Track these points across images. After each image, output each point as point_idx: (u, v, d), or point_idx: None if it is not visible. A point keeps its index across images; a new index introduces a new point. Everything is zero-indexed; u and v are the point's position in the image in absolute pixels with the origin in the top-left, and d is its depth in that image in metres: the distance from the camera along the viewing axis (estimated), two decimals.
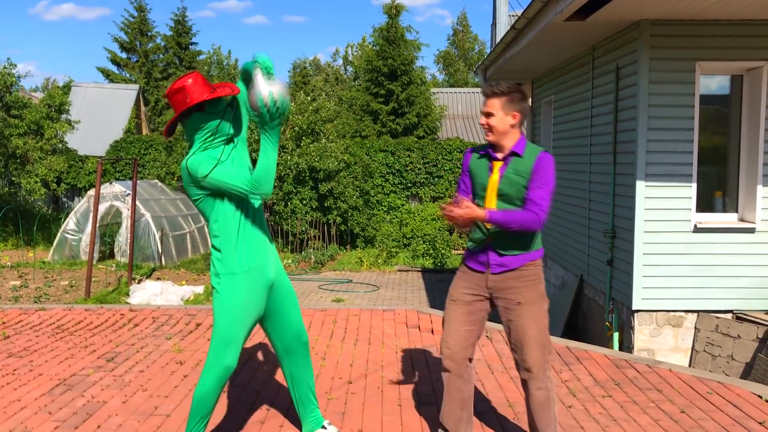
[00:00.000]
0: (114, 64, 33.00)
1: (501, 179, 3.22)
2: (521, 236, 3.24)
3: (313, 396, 3.50)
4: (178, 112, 3.12)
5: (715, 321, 6.38)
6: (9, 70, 15.67)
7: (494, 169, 3.26)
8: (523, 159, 3.22)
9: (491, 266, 3.27)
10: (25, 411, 4.02)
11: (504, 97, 3.20)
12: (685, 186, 6.42)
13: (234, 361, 3.12)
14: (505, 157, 3.25)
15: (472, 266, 3.35)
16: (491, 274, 3.28)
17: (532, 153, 3.23)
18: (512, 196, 3.21)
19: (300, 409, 3.51)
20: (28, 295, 10.18)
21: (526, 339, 3.22)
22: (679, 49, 6.32)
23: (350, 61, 36.98)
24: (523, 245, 3.25)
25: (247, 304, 3.15)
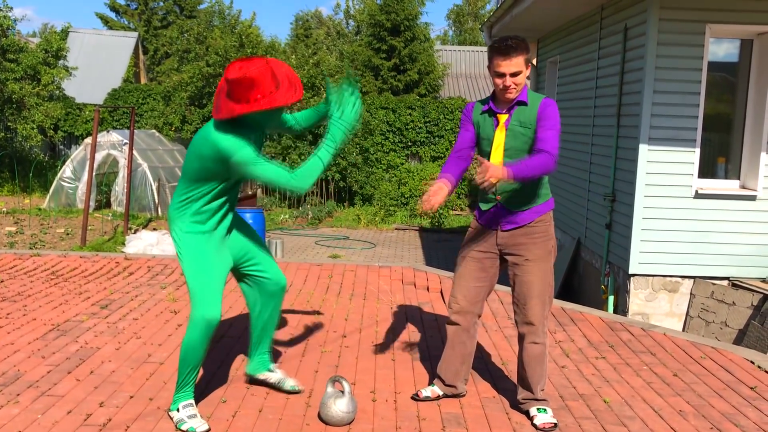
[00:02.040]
0: (113, 11, 32.45)
1: (507, 132, 3.18)
2: (528, 190, 3.22)
3: (271, 341, 3.59)
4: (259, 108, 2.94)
5: (710, 287, 6.38)
6: (5, 12, 15.37)
7: (500, 123, 3.21)
8: (527, 108, 3.17)
9: (501, 223, 3.28)
10: (18, 354, 4.01)
11: (527, 52, 3.13)
12: (688, 151, 6.35)
13: (214, 314, 3.07)
14: (509, 108, 3.20)
15: (482, 224, 3.35)
16: (501, 231, 3.30)
17: (536, 101, 3.18)
18: (518, 149, 3.19)
19: (256, 349, 3.56)
20: (24, 241, 10.16)
21: (531, 294, 3.25)
22: (689, 11, 6.19)
23: (352, 14, 36.41)
24: (531, 198, 3.24)
25: (210, 258, 3.14)
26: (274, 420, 3.27)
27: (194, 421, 3.12)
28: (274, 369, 3.63)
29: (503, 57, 3.09)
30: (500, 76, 3.13)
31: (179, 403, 3.19)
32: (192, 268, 3.12)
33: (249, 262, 3.38)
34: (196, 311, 3.07)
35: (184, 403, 3.18)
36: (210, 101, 16.75)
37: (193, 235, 3.16)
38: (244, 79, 2.91)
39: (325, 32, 34.20)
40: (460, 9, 42.23)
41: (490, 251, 3.35)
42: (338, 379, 3.26)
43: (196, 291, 3.08)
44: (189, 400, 3.20)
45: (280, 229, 13.41)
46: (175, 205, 3.19)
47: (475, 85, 22.85)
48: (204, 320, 3.06)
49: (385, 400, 3.54)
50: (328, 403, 3.19)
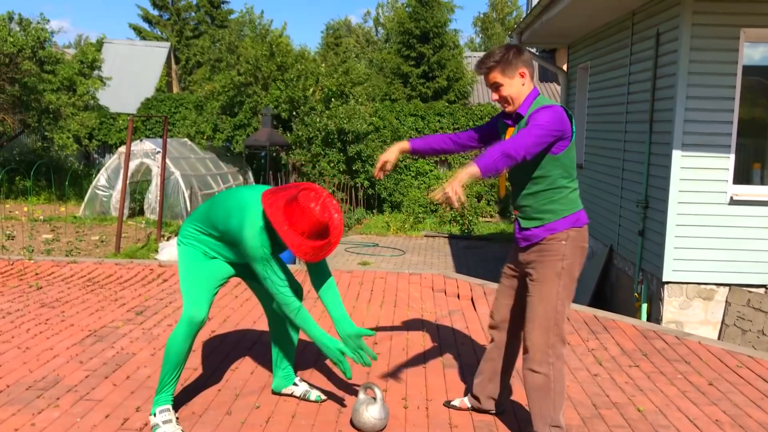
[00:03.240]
0: (146, 22, 33.03)
1: None
2: (538, 205, 3.04)
3: (293, 354, 3.63)
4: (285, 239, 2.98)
5: (747, 295, 6.27)
6: (42, 25, 15.74)
7: (507, 134, 3.15)
8: (524, 120, 3.02)
9: (518, 240, 3.16)
10: (58, 359, 4.10)
11: (501, 64, 2.97)
12: (723, 157, 6.26)
13: (200, 316, 3.16)
14: (514, 122, 3.10)
15: (515, 237, 3.24)
16: (519, 248, 3.17)
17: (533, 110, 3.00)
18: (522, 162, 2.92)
19: (279, 364, 3.61)
20: (60, 248, 10.36)
21: (530, 317, 3.04)
22: (723, 15, 6.11)
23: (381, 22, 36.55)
24: (542, 215, 3.05)
25: (204, 262, 3.23)
26: (306, 426, 3.29)
27: (168, 427, 3.13)
28: (299, 382, 3.66)
29: (479, 74, 3.07)
30: (492, 93, 3.10)
31: (156, 407, 3.20)
32: (184, 269, 3.24)
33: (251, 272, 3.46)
34: (185, 310, 3.17)
35: (161, 407, 3.19)
36: (241, 110, 16.93)
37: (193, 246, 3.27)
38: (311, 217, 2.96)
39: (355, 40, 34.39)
40: (486, 16, 42.20)
41: (516, 269, 3.25)
42: (370, 385, 3.28)
43: (185, 290, 3.20)
44: (167, 404, 3.21)
45: None
46: (186, 230, 3.30)
47: None
48: (188, 317, 3.14)
49: (416, 407, 3.55)
50: (361, 410, 3.21)
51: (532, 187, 3.04)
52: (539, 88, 22.64)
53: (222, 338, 4.61)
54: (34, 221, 13.05)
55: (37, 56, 15.63)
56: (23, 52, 14.88)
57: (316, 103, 16.80)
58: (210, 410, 3.44)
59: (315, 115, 16.41)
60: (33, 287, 5.88)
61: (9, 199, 16.19)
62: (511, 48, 3.01)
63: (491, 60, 3.00)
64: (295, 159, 16.54)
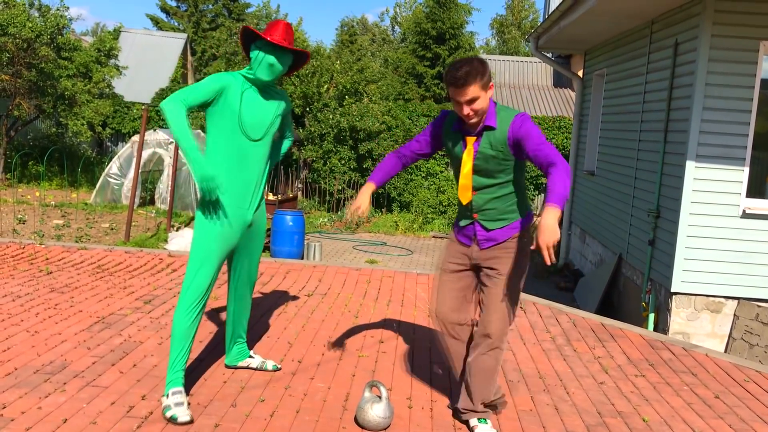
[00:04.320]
0: (163, 12, 33.13)
1: (476, 155, 3.13)
2: (504, 207, 3.21)
3: (244, 332, 3.86)
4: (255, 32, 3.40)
5: (756, 309, 6.24)
6: (62, 12, 15.82)
7: (468, 144, 3.16)
8: (496, 131, 3.09)
9: (479, 241, 3.27)
10: (65, 344, 4.13)
11: (481, 77, 2.96)
12: (737, 170, 6.24)
13: (206, 282, 3.27)
14: (478, 132, 3.13)
15: (460, 239, 3.36)
16: (480, 248, 3.28)
17: (504, 122, 3.08)
18: (492, 170, 3.14)
19: (230, 343, 3.84)
20: (70, 234, 10.42)
21: (495, 307, 3.20)
22: (743, 27, 6.08)
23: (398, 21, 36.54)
24: (507, 215, 3.23)
25: (222, 232, 3.33)
26: (310, 421, 3.30)
27: (179, 410, 3.18)
28: (254, 354, 3.90)
29: (455, 87, 2.98)
30: (458, 104, 3.03)
31: (170, 388, 3.27)
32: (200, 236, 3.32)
33: (241, 255, 3.62)
34: (190, 276, 3.27)
35: (174, 389, 3.27)
36: None
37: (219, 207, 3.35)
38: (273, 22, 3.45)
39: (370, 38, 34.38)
40: (503, 19, 42.12)
41: (465, 263, 3.34)
42: (376, 384, 3.28)
43: (196, 256, 3.28)
44: (179, 387, 3.28)
45: (319, 232, 13.51)
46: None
47: (519, 95, 22.71)
48: (196, 285, 3.26)
49: (421, 407, 3.55)
50: (366, 408, 3.22)
51: (499, 191, 3.19)
52: (553, 94, 22.59)
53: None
54: (46, 206, 13.12)
55: (55, 42, 15.71)
56: (41, 37, 14.96)
57: (330, 100, 16.81)
58: (215, 401, 3.45)
59: (328, 112, 16.42)
60: (43, 272, 5.92)
61: (21, 184, 16.29)
62: (482, 61, 3.03)
63: (473, 74, 2.96)
64: (307, 155, 16.56)
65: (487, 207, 3.21)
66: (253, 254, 3.66)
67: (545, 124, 16.99)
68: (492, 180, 3.16)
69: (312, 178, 16.88)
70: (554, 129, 16.93)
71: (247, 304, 3.77)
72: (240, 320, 3.79)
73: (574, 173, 11.05)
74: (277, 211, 9.71)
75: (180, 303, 3.28)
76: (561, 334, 5.05)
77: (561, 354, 4.60)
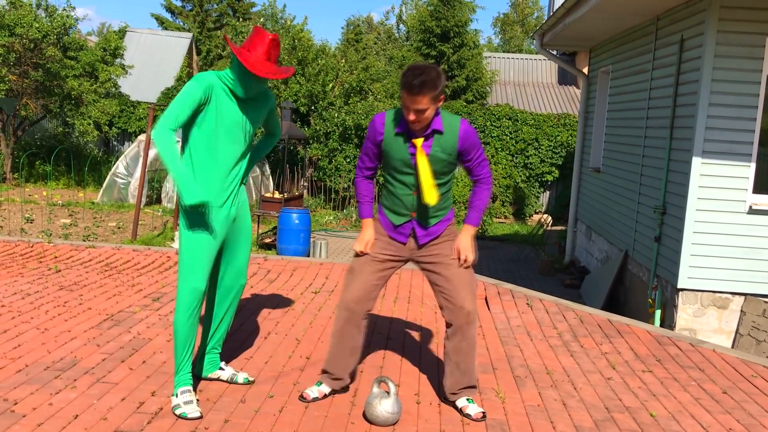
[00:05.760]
0: (168, 12, 33.20)
1: (427, 157, 3.21)
2: (440, 204, 3.35)
3: (221, 342, 3.66)
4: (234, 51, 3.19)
5: (762, 305, 6.23)
6: (68, 12, 15.88)
7: (417, 148, 3.20)
8: (444, 135, 3.22)
9: (418, 238, 3.39)
10: (75, 341, 4.16)
11: (435, 90, 3.05)
12: (743, 165, 6.23)
13: (201, 283, 3.23)
14: (426, 135, 3.21)
15: (393, 236, 3.42)
16: (418, 244, 3.40)
17: (452, 127, 3.21)
18: (438, 171, 3.27)
19: (207, 349, 3.63)
20: (77, 233, 10.47)
21: (461, 284, 3.34)
22: (748, 23, 6.07)
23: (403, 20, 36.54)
24: (444, 211, 3.40)
25: (207, 230, 3.27)
26: (319, 417, 3.32)
27: (189, 407, 3.20)
28: (224, 366, 3.71)
29: (409, 94, 3.04)
30: (406, 108, 3.11)
31: (178, 388, 3.28)
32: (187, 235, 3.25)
33: (226, 259, 3.51)
34: (183, 280, 3.22)
35: (182, 388, 3.27)
36: None
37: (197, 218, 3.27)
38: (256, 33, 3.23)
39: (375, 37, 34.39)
40: (506, 17, 42.05)
41: (398, 256, 3.43)
42: (384, 379, 3.30)
43: (186, 259, 3.23)
44: (187, 386, 3.29)
45: (325, 231, 13.54)
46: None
47: (523, 93, 22.71)
48: (191, 287, 3.21)
49: (429, 403, 3.57)
50: (374, 403, 3.24)
51: (440, 189, 3.33)
52: (558, 91, 22.56)
53: (237, 327, 4.65)
54: (53, 206, 13.18)
55: (61, 42, 15.77)
56: (48, 38, 15.02)
57: (335, 99, 16.83)
58: (224, 397, 3.48)
59: (333, 111, 16.45)
60: (52, 270, 5.96)
61: (29, 183, 16.36)
62: (439, 73, 3.09)
63: (428, 86, 3.02)
64: (312, 153, 16.59)
65: (426, 209, 3.34)
66: (239, 253, 3.52)
67: (550, 122, 16.98)
68: (436, 180, 3.29)
69: (318, 177, 16.91)
70: (559, 126, 16.92)
71: (231, 311, 3.59)
72: (221, 329, 3.60)
73: (580, 170, 11.04)
74: (283, 209, 9.73)
75: (178, 308, 3.25)
76: (568, 330, 5.06)
77: (568, 350, 4.61)
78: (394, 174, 3.32)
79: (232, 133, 3.28)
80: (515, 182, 16.99)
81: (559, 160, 16.95)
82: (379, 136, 3.30)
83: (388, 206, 3.42)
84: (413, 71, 3.05)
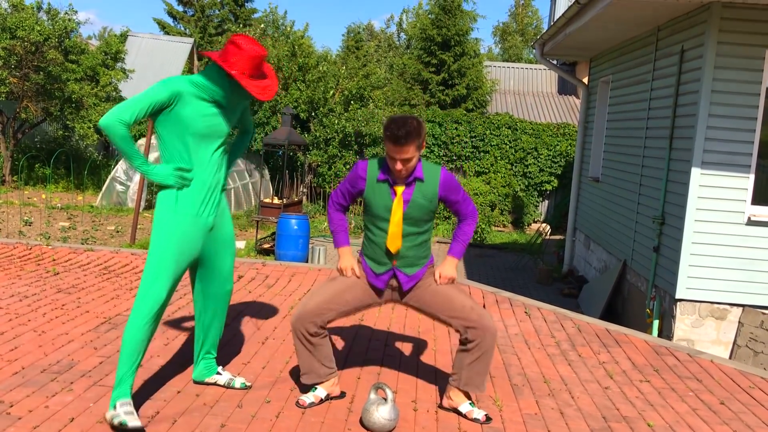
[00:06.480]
0: (170, 17, 33.26)
1: (408, 204, 3.34)
2: (421, 252, 3.46)
3: (215, 347, 3.61)
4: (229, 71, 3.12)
5: (760, 316, 6.23)
6: (70, 15, 15.92)
7: (397, 194, 3.34)
8: (425, 182, 3.35)
9: (402, 284, 3.47)
10: (72, 344, 4.15)
11: (419, 138, 3.19)
12: (742, 177, 6.24)
13: (163, 293, 3.09)
14: (407, 183, 3.34)
15: (374, 283, 3.49)
16: (402, 291, 3.50)
17: (433, 175, 3.36)
18: (419, 218, 3.38)
19: (201, 354, 3.59)
20: (76, 236, 10.46)
21: (455, 295, 3.43)
22: (748, 35, 6.10)
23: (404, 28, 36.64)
24: (425, 256, 3.49)
25: (180, 240, 3.15)
26: (316, 423, 3.31)
27: (129, 417, 3.01)
28: (222, 371, 3.67)
29: (394, 145, 3.17)
30: (392, 159, 3.24)
31: (117, 401, 3.07)
32: (157, 242, 3.13)
33: (211, 265, 3.42)
34: (146, 286, 3.09)
35: (121, 401, 3.07)
36: (261, 108, 17.05)
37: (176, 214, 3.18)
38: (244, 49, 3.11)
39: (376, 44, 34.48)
40: (506, 26, 42.18)
41: (378, 300, 3.54)
42: (381, 386, 3.29)
43: (153, 265, 3.10)
44: (126, 398, 3.08)
45: (323, 237, 13.53)
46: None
47: (523, 102, 22.76)
48: (153, 296, 3.07)
49: (426, 410, 3.56)
50: (371, 410, 3.23)
51: (419, 238, 3.43)
52: (558, 101, 22.61)
53: (234, 332, 4.65)
54: (52, 209, 13.18)
55: (62, 45, 15.80)
56: (49, 41, 15.04)
57: (335, 105, 16.86)
58: (221, 402, 3.47)
59: (333, 117, 16.47)
60: (50, 273, 5.95)
61: (28, 186, 16.36)
62: (420, 121, 3.23)
63: (413, 135, 3.16)
64: (312, 159, 16.61)
65: (408, 254, 3.42)
66: (223, 260, 3.44)
67: (549, 131, 17.01)
68: (417, 228, 3.40)
69: (317, 183, 16.92)
70: (558, 136, 16.95)
71: (220, 318, 3.54)
72: (210, 335, 3.55)
73: (579, 179, 11.06)
74: (282, 215, 9.73)
75: (134, 315, 3.07)
76: (566, 339, 5.06)
77: (566, 359, 4.61)
78: (375, 221, 3.41)
79: (207, 139, 3.20)
80: (514, 191, 17.01)
81: (558, 169, 16.98)
82: (361, 182, 3.41)
83: (370, 255, 3.49)
84: (396, 123, 3.19)
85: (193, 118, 3.14)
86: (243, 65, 3.13)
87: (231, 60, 3.12)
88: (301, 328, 3.40)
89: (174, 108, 3.12)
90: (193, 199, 3.21)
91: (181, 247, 3.17)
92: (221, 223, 3.41)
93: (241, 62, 3.13)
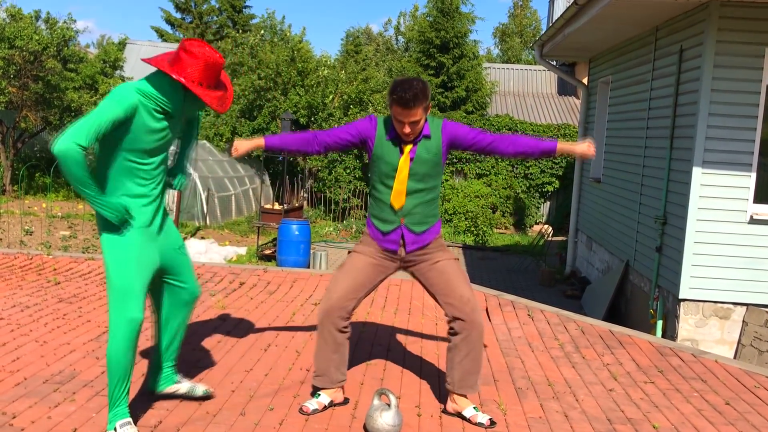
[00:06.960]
0: (168, 24, 33.32)
1: (413, 161, 3.35)
2: (428, 211, 3.44)
3: (175, 356, 3.46)
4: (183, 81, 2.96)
5: (764, 315, 6.21)
6: (69, 24, 15.94)
7: (404, 151, 3.35)
8: (431, 139, 3.37)
9: (407, 244, 3.45)
10: (74, 354, 4.14)
11: (426, 99, 3.21)
12: (744, 175, 6.23)
13: (138, 312, 2.95)
14: (414, 141, 3.35)
15: (385, 246, 3.47)
16: (405, 253, 3.47)
17: (436, 129, 3.37)
18: (424, 173, 3.38)
19: (156, 368, 3.43)
20: (77, 245, 10.45)
21: (457, 281, 3.41)
22: (747, 33, 6.09)
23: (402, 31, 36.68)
24: (430, 219, 3.46)
25: (138, 254, 3.01)
26: (320, 429, 3.30)
27: None
28: (181, 379, 3.50)
29: (402, 108, 3.18)
30: (400, 123, 3.25)
31: (115, 422, 3.00)
32: (115, 263, 2.98)
33: (173, 269, 3.29)
34: (117, 311, 2.95)
35: (121, 421, 3.01)
36: (260, 114, 17.06)
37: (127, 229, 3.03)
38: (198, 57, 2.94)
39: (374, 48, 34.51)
40: (505, 27, 42.20)
41: (392, 261, 3.51)
42: (385, 391, 3.28)
43: (117, 287, 2.95)
44: (126, 418, 3.02)
45: (325, 242, 13.52)
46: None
47: (523, 103, 22.75)
48: (127, 319, 2.94)
49: (430, 415, 3.55)
50: (375, 416, 3.21)
51: (426, 196, 3.42)
52: (558, 102, 22.60)
53: (237, 340, 4.63)
54: (52, 218, 13.18)
55: (61, 54, 15.81)
56: (48, 50, 15.06)
57: (335, 110, 16.86)
58: (224, 410, 3.45)
59: (333, 122, 16.46)
60: (51, 282, 5.94)
61: (28, 195, 16.36)
62: (426, 84, 3.24)
63: (420, 98, 3.16)
64: (312, 164, 16.60)
65: (415, 211, 3.41)
66: (186, 267, 3.31)
67: (550, 132, 17.01)
68: (423, 185, 3.39)
69: (317, 188, 16.91)
70: (559, 137, 16.94)
71: (182, 327, 3.41)
72: (172, 344, 3.42)
73: (580, 180, 11.03)
74: (283, 221, 9.72)
75: (113, 341, 2.94)
76: (570, 342, 5.04)
77: (570, 361, 4.59)
78: (383, 179, 3.41)
79: (154, 148, 3.03)
80: (515, 193, 16.99)
81: (559, 170, 16.97)
82: (371, 136, 3.40)
83: (376, 215, 3.49)
84: (402, 86, 3.17)
85: (143, 132, 2.96)
86: (198, 75, 2.96)
87: (186, 70, 2.94)
88: (329, 325, 3.41)
89: (125, 123, 2.92)
90: (143, 211, 3.08)
91: (142, 261, 3.02)
92: (167, 228, 3.27)
93: (197, 71, 2.95)
